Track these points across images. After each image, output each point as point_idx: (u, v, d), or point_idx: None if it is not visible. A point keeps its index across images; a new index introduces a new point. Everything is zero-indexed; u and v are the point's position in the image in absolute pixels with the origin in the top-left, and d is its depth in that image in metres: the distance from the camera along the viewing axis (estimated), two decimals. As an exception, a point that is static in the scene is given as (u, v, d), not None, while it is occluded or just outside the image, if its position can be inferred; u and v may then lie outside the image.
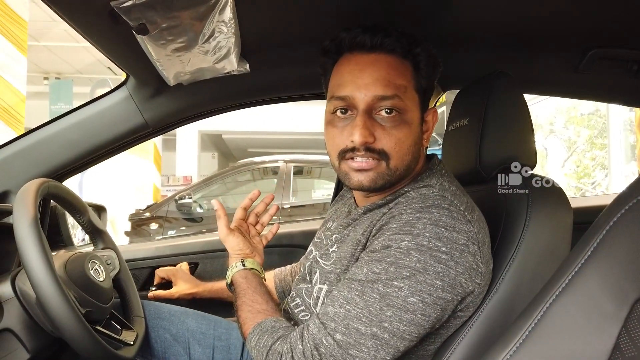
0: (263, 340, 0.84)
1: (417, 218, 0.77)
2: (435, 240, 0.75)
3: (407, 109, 0.84)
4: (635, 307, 0.49)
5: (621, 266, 0.51)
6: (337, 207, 1.11)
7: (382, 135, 0.83)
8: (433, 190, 0.83)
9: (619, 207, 0.53)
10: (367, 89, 0.83)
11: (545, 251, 0.88)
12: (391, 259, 0.76)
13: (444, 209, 0.78)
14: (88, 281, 0.96)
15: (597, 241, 0.53)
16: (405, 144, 0.85)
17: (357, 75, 0.84)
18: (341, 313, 0.76)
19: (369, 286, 0.76)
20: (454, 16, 1.07)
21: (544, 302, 0.54)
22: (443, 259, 0.75)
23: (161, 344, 1.13)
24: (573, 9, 1.04)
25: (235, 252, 1.10)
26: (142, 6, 0.84)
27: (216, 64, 1.12)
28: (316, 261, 0.97)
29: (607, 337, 0.50)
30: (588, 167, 9.04)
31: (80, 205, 1.09)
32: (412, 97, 0.86)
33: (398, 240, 0.76)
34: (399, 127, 0.84)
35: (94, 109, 1.24)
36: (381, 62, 0.84)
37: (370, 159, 0.84)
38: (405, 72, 0.85)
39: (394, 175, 0.86)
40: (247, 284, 1.00)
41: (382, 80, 0.83)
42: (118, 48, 1.05)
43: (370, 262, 0.78)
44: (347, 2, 1.00)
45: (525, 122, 1.02)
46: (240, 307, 0.96)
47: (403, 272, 0.74)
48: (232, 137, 11.63)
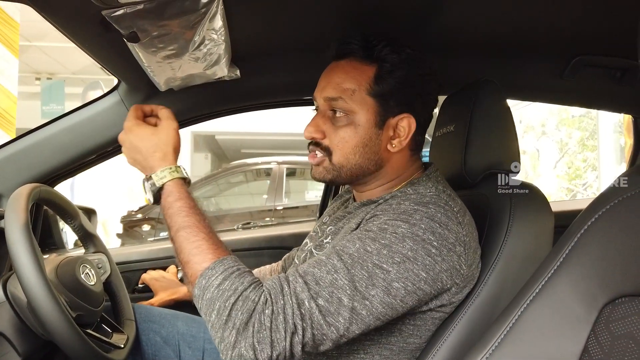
0: (229, 281, 0.74)
1: (414, 210, 0.81)
2: (429, 233, 0.79)
3: (353, 110, 0.90)
4: (604, 312, 0.51)
5: (591, 272, 0.53)
6: (334, 204, 1.14)
7: (330, 132, 0.92)
8: (429, 190, 0.87)
9: (590, 214, 0.55)
10: (321, 92, 0.93)
11: (528, 255, 0.91)
12: (385, 241, 0.78)
13: (440, 206, 0.82)
14: (79, 285, 0.98)
15: (570, 248, 0.55)
16: (349, 144, 0.90)
17: (320, 80, 0.95)
18: (327, 279, 0.75)
19: (359, 262, 0.77)
20: (442, 24, 1.09)
21: (519, 306, 0.56)
22: (433, 252, 0.78)
23: (152, 346, 1.15)
24: (558, 18, 1.06)
25: (171, 151, 0.90)
26: (133, 15, 0.85)
27: (207, 70, 1.13)
28: (310, 252, 0.99)
29: (578, 340, 0.52)
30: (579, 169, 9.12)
31: (71, 210, 1.10)
32: (362, 100, 0.90)
33: (395, 225, 0.79)
34: (345, 127, 0.90)
35: (85, 113, 1.25)
36: (339, 68, 0.93)
37: (318, 154, 0.93)
38: (358, 76, 0.90)
39: (341, 171, 0.92)
40: (195, 203, 0.86)
41: (333, 83, 0.91)
42: (109, 54, 1.06)
43: (364, 239, 0.79)
44: (336, 10, 1.02)
45: (509, 129, 1.04)
46: (187, 230, 0.81)
47: (395, 257, 0.77)
48: (225, 138, 11.61)
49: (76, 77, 9.25)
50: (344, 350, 0.86)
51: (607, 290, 0.51)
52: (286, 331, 0.71)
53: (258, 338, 0.70)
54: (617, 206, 0.53)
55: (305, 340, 0.72)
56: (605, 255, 0.52)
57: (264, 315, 0.71)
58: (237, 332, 0.70)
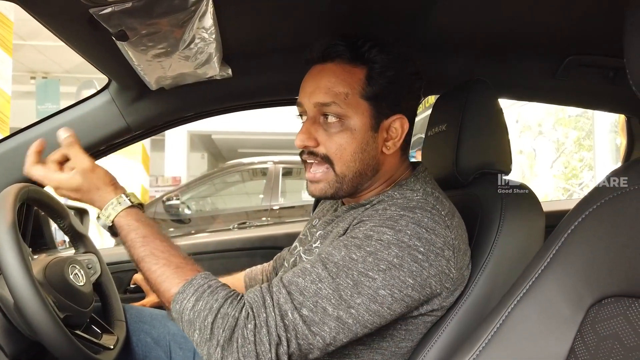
0: (202, 302, 0.73)
1: (400, 215, 0.79)
2: (415, 239, 0.77)
3: (347, 115, 0.87)
4: (590, 312, 0.51)
5: (578, 272, 0.52)
6: (323, 206, 1.13)
7: (325, 139, 0.88)
8: (417, 194, 0.85)
9: (576, 215, 0.55)
10: (310, 97, 0.89)
11: (518, 254, 0.90)
12: (371, 248, 0.77)
13: (427, 211, 0.81)
14: (67, 286, 0.97)
15: (556, 248, 0.55)
16: (347, 150, 0.87)
17: (306, 84, 0.91)
18: (312, 289, 0.75)
19: (344, 271, 0.76)
20: (435, 23, 1.09)
21: (507, 306, 0.56)
22: (419, 258, 0.77)
23: (142, 347, 1.14)
24: (551, 17, 1.06)
25: (104, 183, 0.90)
26: (121, 13, 0.84)
27: (198, 69, 1.13)
28: (300, 257, 0.98)
29: (564, 340, 0.52)
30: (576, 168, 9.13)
31: (61, 210, 1.10)
32: (356, 103, 0.87)
33: (380, 232, 0.78)
34: (341, 133, 0.87)
35: (75, 112, 1.24)
36: (326, 71, 0.89)
37: (317, 168, 0.89)
38: (349, 79, 0.87)
39: (343, 182, 0.89)
40: (149, 229, 0.84)
41: (323, 87, 0.87)
42: (98, 53, 1.06)
43: (349, 247, 0.78)
44: (328, 10, 1.02)
45: (501, 129, 1.04)
46: (146, 260, 0.80)
47: (380, 265, 0.76)
48: (221, 137, 11.60)
49: (71, 76, 9.22)
50: (335, 355, 0.85)
51: (593, 291, 0.51)
52: (270, 343, 0.71)
53: (243, 352, 0.70)
54: (603, 206, 0.52)
55: (291, 351, 0.73)
56: (591, 255, 0.52)
57: (246, 330, 0.71)
58: (222, 349, 0.71)
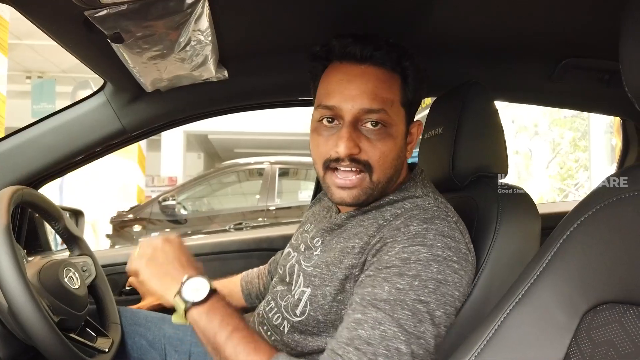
0: None
1: (425, 229, 0.78)
2: (447, 250, 0.77)
3: (392, 123, 0.85)
4: (585, 318, 0.51)
5: (573, 278, 0.52)
6: (315, 209, 1.11)
7: (367, 147, 0.84)
8: (428, 201, 0.84)
9: (572, 220, 0.55)
10: (354, 101, 0.83)
11: (515, 258, 0.90)
12: (413, 272, 0.74)
13: (444, 219, 0.81)
14: (62, 289, 0.96)
15: (552, 253, 0.55)
16: (389, 157, 0.86)
17: (345, 86, 0.85)
18: (377, 335, 0.71)
19: (397, 304, 0.73)
20: (432, 26, 1.09)
21: (502, 311, 0.56)
22: (456, 268, 0.77)
23: (137, 350, 1.13)
24: (547, 20, 1.06)
25: (175, 267, 0.85)
26: (117, 15, 0.84)
27: (193, 71, 1.12)
28: (299, 263, 0.96)
29: (559, 347, 0.51)
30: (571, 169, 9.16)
31: (55, 212, 1.09)
32: (398, 111, 0.87)
33: (415, 252, 0.76)
34: (384, 140, 0.85)
35: (71, 114, 1.23)
36: (370, 75, 0.85)
37: (354, 173, 0.85)
38: (392, 86, 0.86)
39: (376, 189, 0.86)
40: (232, 316, 0.79)
41: (370, 93, 0.83)
42: (94, 55, 1.05)
43: (390, 278, 0.75)
44: (323, 11, 1.02)
45: (497, 132, 1.04)
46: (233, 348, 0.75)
47: (428, 285, 0.74)
48: (218, 137, 11.58)
49: (67, 76, 9.19)
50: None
51: (589, 297, 0.51)
52: None
53: None
54: (599, 212, 0.53)
55: None
56: (587, 261, 0.52)
57: None
58: None
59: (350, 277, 0.84)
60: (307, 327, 0.88)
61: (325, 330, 0.87)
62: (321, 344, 0.87)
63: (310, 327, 0.87)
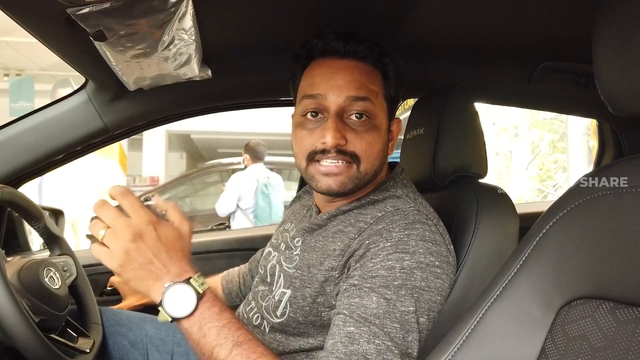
0: None
1: (407, 235, 0.78)
2: (429, 255, 0.78)
3: (376, 114, 0.86)
4: (560, 313, 0.52)
5: (549, 274, 0.54)
6: (294, 208, 1.11)
7: (353, 138, 0.84)
8: (409, 204, 0.84)
9: (548, 218, 0.56)
10: (340, 90, 0.84)
11: (493, 256, 0.92)
12: (399, 281, 0.75)
13: (424, 223, 0.81)
14: (42, 289, 0.95)
15: (529, 251, 0.56)
16: (375, 148, 0.86)
17: (331, 77, 0.85)
18: (373, 349, 0.71)
19: (387, 317, 0.73)
20: (412, 28, 1.11)
21: (481, 308, 0.57)
22: (439, 273, 0.78)
23: (119, 351, 1.13)
24: (524, 24, 1.09)
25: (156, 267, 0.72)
26: (99, 13, 0.83)
27: (177, 70, 1.12)
28: (279, 264, 0.96)
29: (535, 342, 0.53)
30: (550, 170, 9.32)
31: (35, 212, 1.08)
32: (382, 103, 0.89)
33: (399, 260, 0.76)
34: (370, 131, 0.85)
35: (51, 112, 1.22)
36: (353, 67, 0.86)
37: (342, 162, 0.84)
38: (375, 79, 0.88)
39: (363, 179, 0.86)
40: (230, 327, 0.71)
41: (355, 82, 0.84)
42: (76, 53, 1.04)
43: (377, 289, 0.75)
44: (307, 12, 1.02)
45: (476, 133, 1.06)
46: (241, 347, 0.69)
47: (413, 294, 0.75)
48: (201, 137, 11.49)
49: (47, 74, 9.02)
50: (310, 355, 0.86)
51: (564, 293, 0.53)
52: None
53: None
54: (574, 210, 0.54)
55: None
56: (562, 257, 0.54)
57: None
58: None
59: (330, 279, 0.84)
60: (288, 327, 0.88)
61: (306, 331, 0.87)
62: (303, 344, 0.87)
63: (290, 327, 0.88)
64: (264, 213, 3.90)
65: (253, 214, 4.06)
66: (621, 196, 0.50)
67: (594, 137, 5.70)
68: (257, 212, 3.96)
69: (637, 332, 0.45)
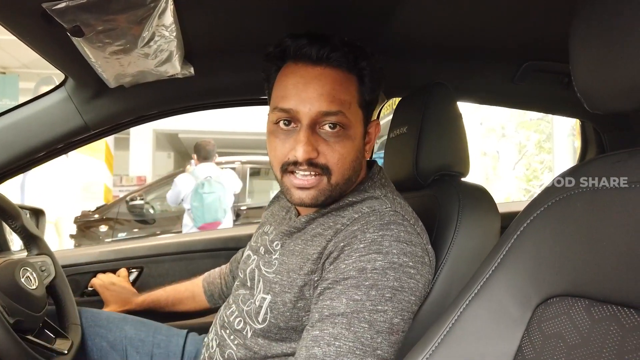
0: None
1: (381, 236, 0.78)
2: (402, 256, 0.77)
3: (350, 124, 0.84)
4: (537, 311, 0.52)
5: (526, 272, 0.54)
6: (273, 209, 1.10)
7: (325, 150, 0.83)
8: (385, 205, 0.83)
9: (525, 217, 0.56)
10: (312, 104, 0.82)
11: (474, 255, 0.92)
12: (370, 282, 0.75)
13: (400, 224, 0.80)
14: (18, 289, 0.93)
15: (506, 249, 0.56)
16: (347, 160, 0.85)
17: (302, 89, 0.83)
18: (332, 351, 0.71)
19: (355, 317, 0.73)
20: (396, 28, 1.10)
21: (459, 307, 0.57)
22: (412, 273, 0.77)
23: (97, 352, 1.11)
24: (508, 24, 1.09)
25: None
26: (76, 8, 0.82)
27: (158, 67, 1.10)
28: (258, 268, 0.95)
29: (512, 339, 0.53)
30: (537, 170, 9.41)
31: (12, 211, 1.06)
32: (356, 112, 0.86)
33: (371, 260, 0.76)
34: (343, 142, 0.84)
35: (30, 109, 1.19)
36: (327, 77, 0.83)
37: (313, 174, 0.83)
38: (349, 87, 0.85)
39: (334, 191, 0.85)
40: None
41: (327, 95, 0.82)
42: (54, 49, 1.02)
43: (347, 290, 0.75)
44: (290, 10, 1.01)
45: (459, 132, 1.06)
46: None
47: (385, 294, 0.74)
48: (189, 136, 11.41)
49: (30, 72, 8.90)
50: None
51: (540, 291, 0.53)
52: None
53: None
54: (550, 209, 0.54)
55: None
56: (538, 256, 0.54)
57: None
58: None
59: (309, 283, 0.83)
60: (269, 333, 0.87)
61: (288, 336, 0.86)
62: (285, 349, 0.86)
63: (272, 333, 0.87)
64: (197, 212, 3.89)
65: None
66: (596, 194, 0.50)
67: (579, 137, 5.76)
68: (192, 211, 3.94)
69: (611, 329, 0.45)
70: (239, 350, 0.90)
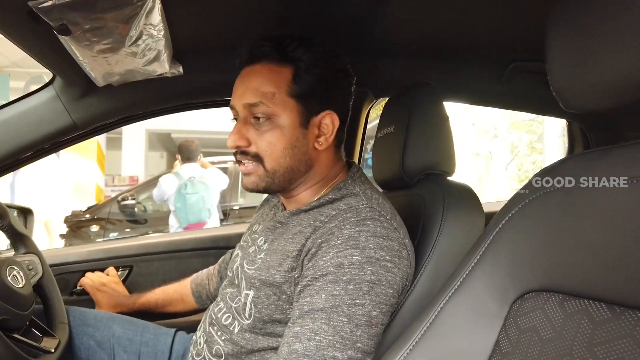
0: None
1: (358, 232, 0.80)
2: (379, 250, 0.78)
3: (275, 113, 0.88)
4: (513, 306, 0.53)
5: (504, 269, 0.55)
6: (263, 210, 1.12)
7: (255, 139, 0.89)
8: (362, 202, 0.85)
9: (503, 214, 0.57)
10: (239, 99, 0.90)
11: (458, 253, 0.93)
12: (347, 276, 0.76)
13: (376, 220, 0.82)
14: (4, 288, 0.93)
15: (485, 246, 0.57)
16: (277, 147, 0.89)
17: (237, 87, 0.92)
18: (312, 346, 0.73)
19: (334, 311, 0.75)
20: (382, 28, 1.11)
21: (438, 303, 0.58)
22: (389, 267, 0.79)
23: (85, 351, 1.11)
24: (495, 24, 1.11)
25: None
26: (62, 7, 0.82)
27: (147, 66, 1.11)
28: (241, 266, 0.97)
29: (490, 334, 0.54)
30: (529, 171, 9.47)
31: (-1, 209, 1.06)
32: (284, 102, 0.88)
33: (349, 256, 0.78)
34: (271, 130, 0.88)
35: (17, 108, 1.19)
36: (255, 72, 0.90)
37: (248, 162, 0.91)
38: (277, 79, 0.88)
39: (274, 177, 0.90)
40: None
41: (251, 89, 0.89)
42: (41, 48, 1.02)
43: (325, 286, 0.77)
44: (276, 10, 1.02)
45: (445, 131, 1.07)
46: None
47: (363, 288, 0.76)
48: (182, 136, 11.38)
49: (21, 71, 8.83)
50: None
51: (517, 286, 0.54)
52: None
53: None
54: (527, 206, 0.55)
55: None
56: (515, 252, 0.55)
57: None
58: None
59: (290, 280, 0.85)
60: (256, 328, 0.89)
61: (273, 330, 0.88)
62: (271, 342, 0.88)
63: (258, 328, 0.89)
64: (181, 214, 3.88)
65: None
66: (570, 192, 0.51)
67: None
68: (176, 213, 3.94)
69: (582, 323, 0.46)
70: (226, 346, 0.91)
